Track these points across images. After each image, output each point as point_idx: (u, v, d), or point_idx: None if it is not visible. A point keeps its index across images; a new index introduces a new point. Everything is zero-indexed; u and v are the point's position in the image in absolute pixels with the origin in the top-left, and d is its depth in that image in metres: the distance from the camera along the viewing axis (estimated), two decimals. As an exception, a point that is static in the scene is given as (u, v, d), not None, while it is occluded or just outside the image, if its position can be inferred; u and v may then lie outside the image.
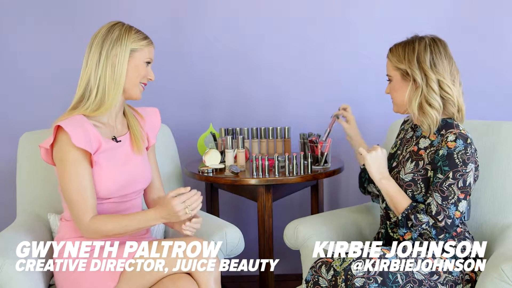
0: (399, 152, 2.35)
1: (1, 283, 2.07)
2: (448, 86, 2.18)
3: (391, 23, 3.16)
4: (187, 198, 2.10)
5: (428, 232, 2.16)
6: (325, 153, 2.60)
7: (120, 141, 2.28)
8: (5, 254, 2.11)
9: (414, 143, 2.29)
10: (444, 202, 2.14)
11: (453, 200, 2.14)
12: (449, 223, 2.15)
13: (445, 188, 2.14)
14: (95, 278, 2.14)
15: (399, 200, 2.20)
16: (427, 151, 2.23)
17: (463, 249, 2.22)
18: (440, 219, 2.14)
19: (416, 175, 2.22)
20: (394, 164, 2.33)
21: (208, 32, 3.23)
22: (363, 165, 2.44)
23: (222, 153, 2.90)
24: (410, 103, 2.21)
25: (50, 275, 2.34)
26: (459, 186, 2.14)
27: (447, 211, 2.14)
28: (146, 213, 2.15)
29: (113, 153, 2.24)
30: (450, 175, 2.14)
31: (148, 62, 2.27)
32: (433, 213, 2.15)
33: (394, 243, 2.29)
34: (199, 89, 3.28)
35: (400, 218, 2.17)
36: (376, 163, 2.22)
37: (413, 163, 2.24)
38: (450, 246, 2.22)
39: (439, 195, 2.15)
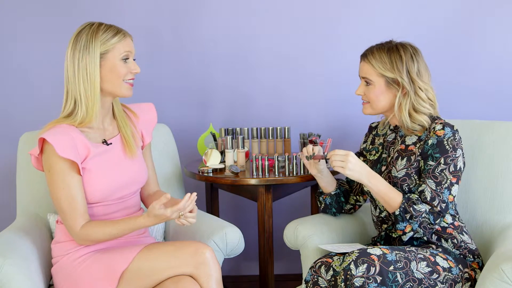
0: (384, 155, 2.37)
1: (1, 283, 2.07)
2: (431, 93, 2.26)
3: (392, 24, 3.17)
4: (179, 208, 2.07)
5: (427, 219, 2.18)
6: (325, 153, 2.60)
7: (111, 143, 2.26)
8: (5, 254, 2.11)
9: (400, 143, 2.32)
10: (438, 188, 2.18)
11: (446, 185, 2.19)
12: (443, 207, 2.19)
13: (437, 173, 2.19)
14: (94, 280, 2.14)
15: (392, 196, 2.21)
16: (417, 145, 2.26)
17: (462, 244, 2.25)
18: (435, 204, 2.18)
19: (409, 169, 2.26)
20: (384, 168, 2.35)
21: (208, 32, 3.23)
22: (336, 189, 2.46)
23: (222, 153, 2.89)
24: (400, 110, 2.26)
25: (50, 275, 2.34)
26: (451, 170, 2.19)
27: (441, 195, 2.18)
28: (136, 221, 2.13)
29: (104, 157, 2.22)
30: (442, 160, 2.19)
31: (127, 58, 2.20)
32: (428, 199, 2.18)
33: (394, 242, 2.30)
34: (199, 89, 3.28)
35: (398, 213, 2.18)
36: (358, 168, 2.22)
37: (405, 159, 2.27)
38: (450, 241, 2.25)
39: (432, 181, 2.19)
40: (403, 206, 2.18)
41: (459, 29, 3.16)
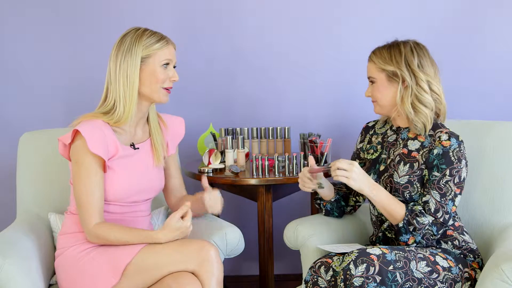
0: (384, 156, 2.36)
1: (1, 283, 2.07)
2: (436, 86, 2.25)
3: (392, 24, 3.17)
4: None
5: (430, 231, 2.18)
6: (325, 153, 2.60)
7: (138, 148, 2.30)
8: (5, 254, 2.11)
9: (401, 146, 2.31)
10: (442, 199, 2.18)
11: (450, 196, 2.18)
12: (446, 218, 2.19)
13: (442, 185, 2.18)
14: (97, 274, 2.15)
15: (394, 207, 2.21)
16: (420, 152, 2.25)
17: (464, 244, 2.25)
18: (439, 216, 2.18)
19: (411, 176, 2.25)
20: (382, 168, 2.34)
21: (208, 33, 3.23)
22: (335, 195, 2.45)
23: (222, 153, 2.89)
24: (403, 103, 2.25)
25: (50, 275, 2.35)
26: (455, 182, 2.19)
27: (445, 207, 2.18)
28: (152, 236, 2.16)
29: (129, 160, 2.27)
30: (447, 172, 2.18)
31: (167, 64, 2.26)
32: (432, 210, 2.17)
33: (392, 243, 2.30)
34: (199, 89, 3.28)
35: (401, 225, 2.18)
36: (361, 178, 2.20)
37: (407, 166, 2.26)
38: (450, 243, 2.25)
39: (437, 192, 2.18)
40: (406, 219, 2.18)
41: (459, 29, 3.16)
